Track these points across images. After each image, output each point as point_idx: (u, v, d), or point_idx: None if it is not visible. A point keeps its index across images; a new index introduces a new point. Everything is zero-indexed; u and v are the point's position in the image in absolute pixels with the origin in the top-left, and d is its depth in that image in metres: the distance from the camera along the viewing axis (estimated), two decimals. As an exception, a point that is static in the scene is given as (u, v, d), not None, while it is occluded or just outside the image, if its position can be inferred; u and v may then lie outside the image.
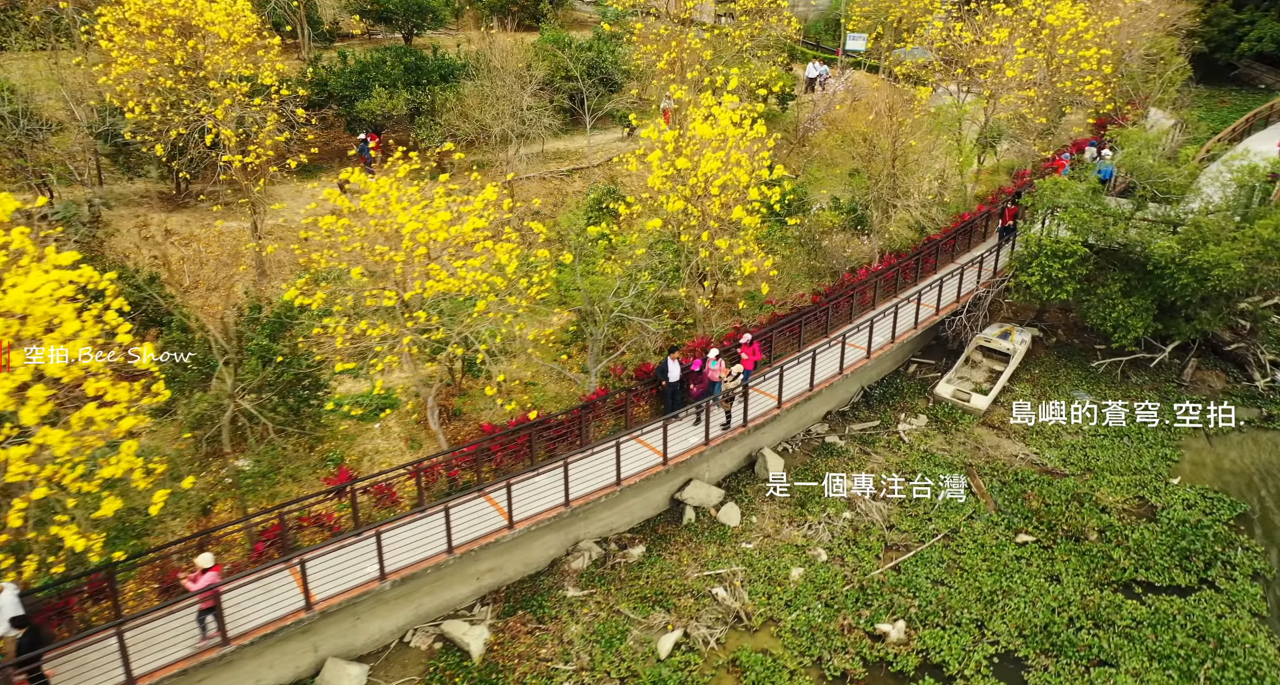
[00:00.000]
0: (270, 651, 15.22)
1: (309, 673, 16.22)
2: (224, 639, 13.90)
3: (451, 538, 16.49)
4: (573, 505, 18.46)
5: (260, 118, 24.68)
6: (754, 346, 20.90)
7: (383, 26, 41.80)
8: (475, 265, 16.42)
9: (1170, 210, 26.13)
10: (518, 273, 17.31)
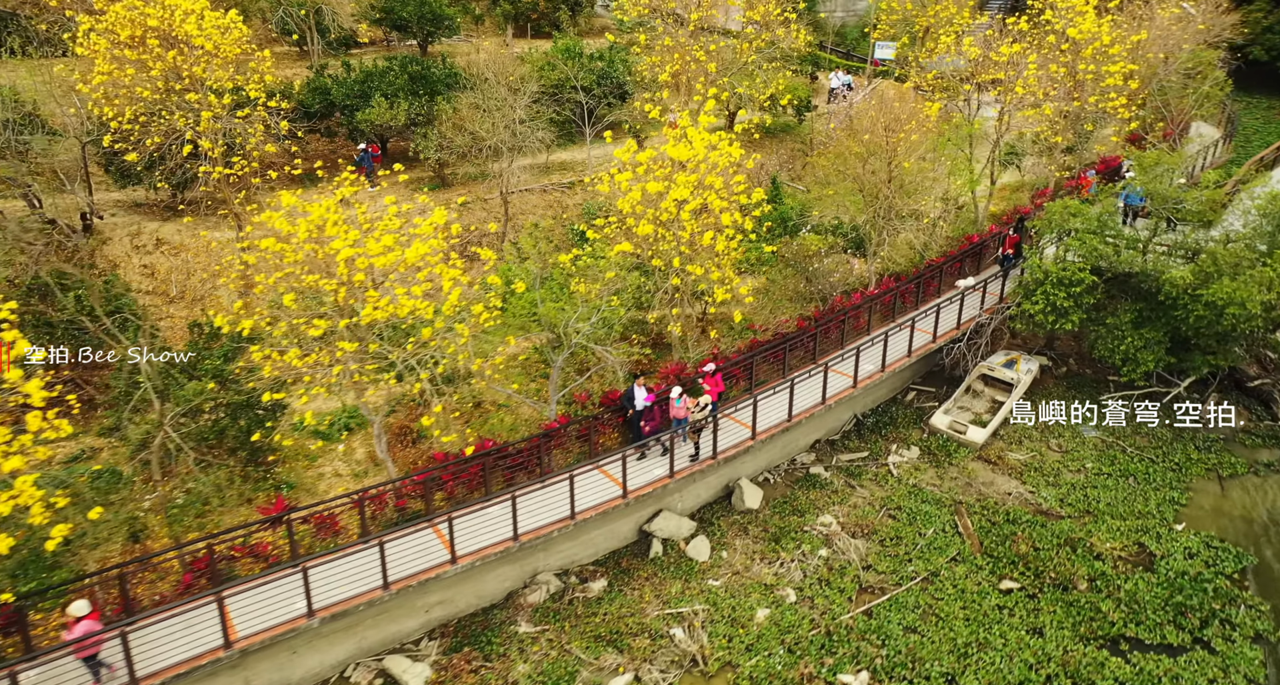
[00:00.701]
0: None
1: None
2: (132, 680, 13.51)
3: (387, 573, 15.97)
4: (523, 540, 17.84)
5: (244, 130, 24.50)
6: (717, 377, 20.08)
7: (397, 34, 41.63)
8: (419, 292, 15.86)
9: (1187, 237, 24.67)
10: (465, 299, 16.73)
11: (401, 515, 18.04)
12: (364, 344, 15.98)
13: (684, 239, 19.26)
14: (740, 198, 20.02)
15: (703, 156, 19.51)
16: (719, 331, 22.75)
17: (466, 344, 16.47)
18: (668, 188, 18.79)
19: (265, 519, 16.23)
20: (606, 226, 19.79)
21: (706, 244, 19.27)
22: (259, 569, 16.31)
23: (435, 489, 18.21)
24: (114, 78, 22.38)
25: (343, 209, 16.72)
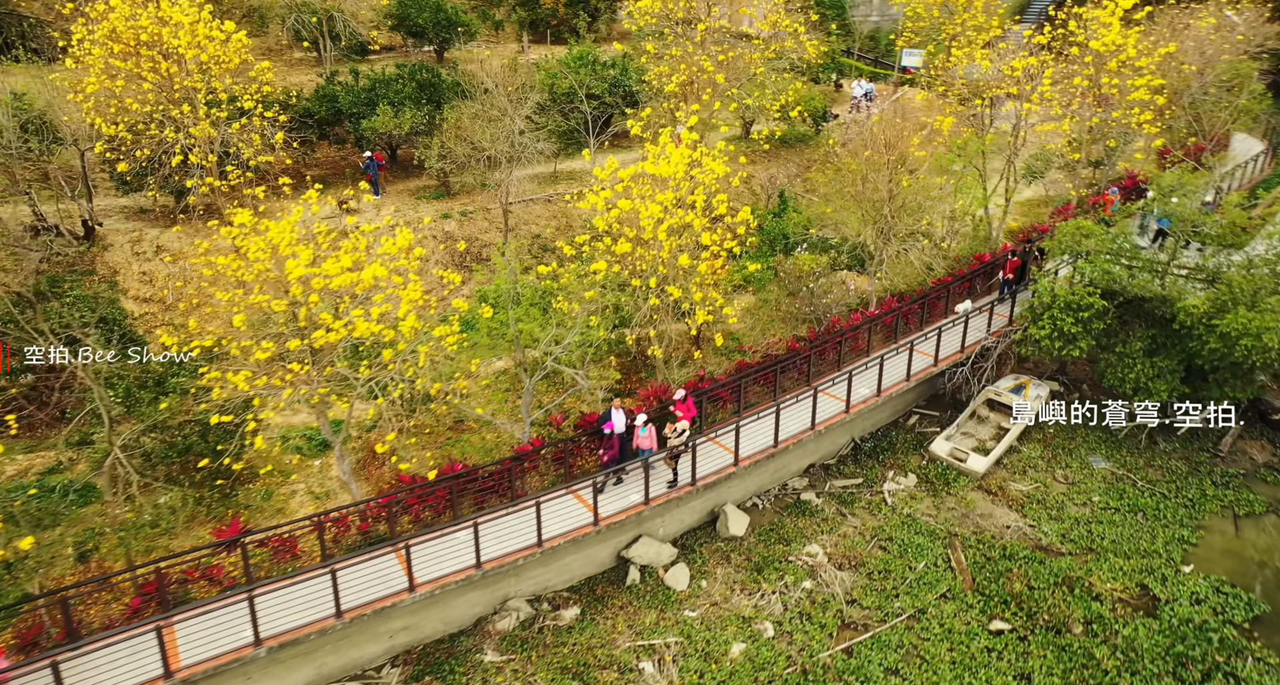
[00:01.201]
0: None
1: (191, 731, 15.57)
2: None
3: (340, 601, 15.59)
4: (486, 567, 17.37)
5: (239, 140, 24.42)
6: (689, 402, 19.45)
7: (414, 41, 41.56)
8: (376, 314, 15.47)
9: (1206, 260, 23.47)
10: (429, 321, 16.31)
11: (366, 539, 17.68)
12: (319, 366, 15.64)
13: (662, 258, 18.67)
14: (725, 216, 19.34)
15: (683, 173, 18.88)
16: (704, 352, 22.11)
17: (425, 367, 16.03)
18: (645, 206, 18.19)
19: (219, 542, 15.94)
20: (585, 244, 19.27)
21: (685, 265, 18.65)
22: (215, 593, 16.03)
23: (400, 512, 17.83)
24: (106, 88, 22.36)
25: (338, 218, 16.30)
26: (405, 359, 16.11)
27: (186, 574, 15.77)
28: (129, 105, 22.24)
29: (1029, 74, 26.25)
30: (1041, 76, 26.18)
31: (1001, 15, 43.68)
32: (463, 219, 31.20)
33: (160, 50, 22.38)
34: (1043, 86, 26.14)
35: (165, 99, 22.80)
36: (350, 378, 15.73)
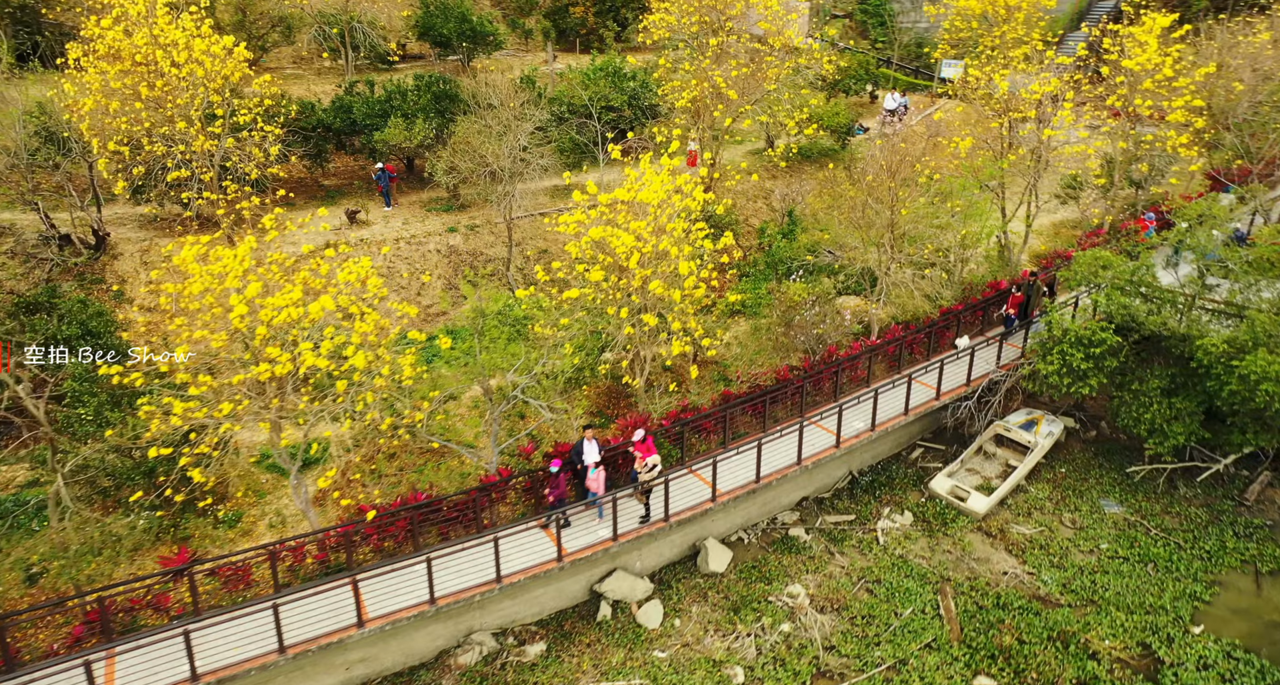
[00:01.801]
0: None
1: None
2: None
3: (283, 636, 15.29)
4: (442, 603, 16.94)
5: (236, 154, 24.45)
6: (648, 442, 18.78)
7: (439, 50, 41.56)
8: (327, 348, 15.10)
9: (1232, 296, 22.03)
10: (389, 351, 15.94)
11: (323, 569, 17.39)
12: (266, 399, 15.34)
13: (635, 287, 18.07)
14: (705, 243, 18.68)
15: (660, 200, 18.26)
16: (684, 382, 21.42)
17: (375, 402, 15.66)
18: (618, 234, 17.62)
19: (165, 572, 15.76)
20: (561, 270, 18.77)
21: (659, 293, 18.01)
22: (165, 622, 15.86)
23: (358, 542, 17.51)
24: (102, 104, 22.52)
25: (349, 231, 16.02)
26: (358, 391, 15.75)
27: (133, 602, 15.61)
28: (120, 125, 22.33)
29: (1050, 97, 24.98)
30: (1063, 99, 24.89)
31: (1043, 28, 42.10)
32: (469, 233, 30.95)
33: (155, 68, 22.43)
34: (1063, 111, 24.85)
35: (160, 116, 22.87)
36: (292, 413, 15.40)
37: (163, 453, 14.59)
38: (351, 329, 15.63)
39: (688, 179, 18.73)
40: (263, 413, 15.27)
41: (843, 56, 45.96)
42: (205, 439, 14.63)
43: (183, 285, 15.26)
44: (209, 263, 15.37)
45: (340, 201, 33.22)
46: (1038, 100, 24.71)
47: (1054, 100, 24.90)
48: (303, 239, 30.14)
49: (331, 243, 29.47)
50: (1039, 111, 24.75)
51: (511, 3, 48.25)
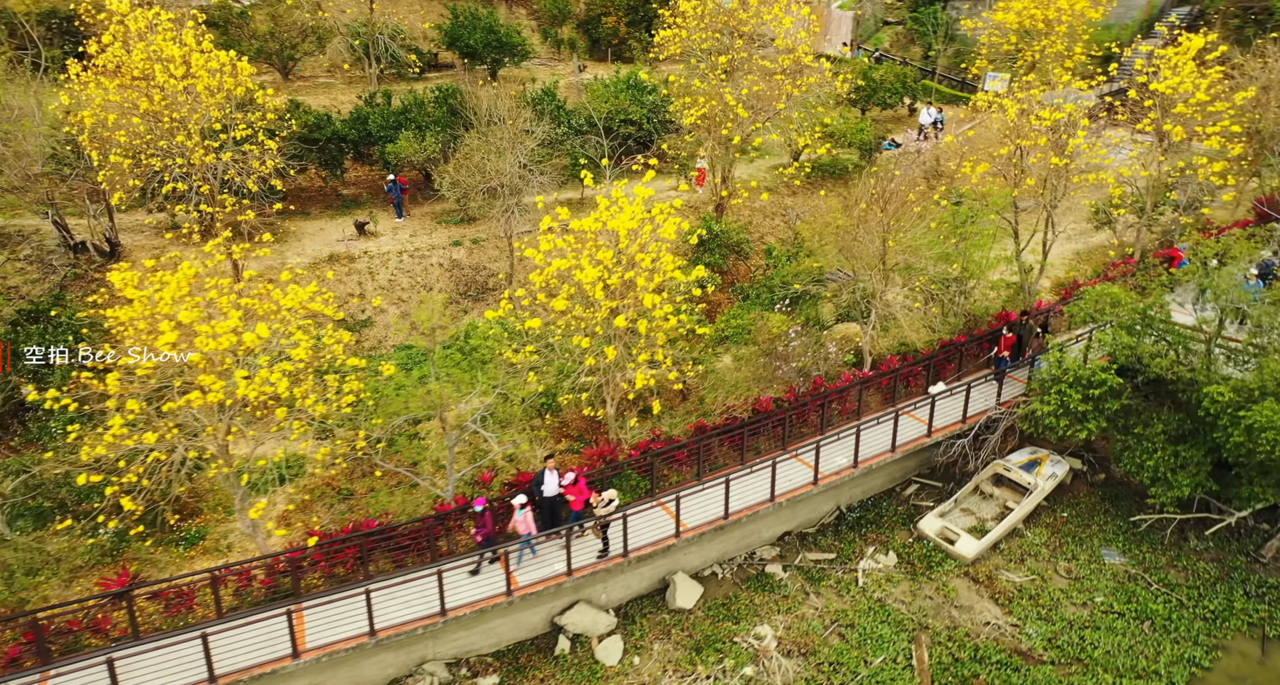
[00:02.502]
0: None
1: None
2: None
3: (214, 666, 15.20)
4: (382, 635, 16.73)
5: (233, 167, 24.70)
6: (580, 485, 18.31)
7: (467, 61, 41.69)
8: (262, 377, 14.97)
9: (1250, 340, 20.63)
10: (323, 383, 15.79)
11: (271, 594, 17.34)
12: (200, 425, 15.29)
13: (599, 318, 17.64)
14: (676, 274, 18.17)
15: (630, 229, 17.81)
16: (634, 420, 20.89)
17: (309, 431, 15.52)
18: (581, 264, 17.22)
19: (104, 594, 15.84)
20: (526, 297, 18.45)
21: (621, 326, 17.55)
22: (106, 644, 15.90)
23: (306, 568, 17.42)
24: (101, 118, 22.93)
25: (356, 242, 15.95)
26: (295, 418, 15.63)
27: (71, 624, 15.70)
28: (119, 138, 22.73)
29: (1063, 123, 23.74)
30: (1076, 126, 23.66)
31: (1088, 41, 40.40)
32: (473, 247, 30.88)
33: (153, 82, 22.78)
34: (1074, 139, 23.57)
35: (158, 130, 23.21)
36: (237, 437, 15.35)
37: (93, 480, 14.61)
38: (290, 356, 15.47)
39: (663, 208, 18.20)
40: (192, 442, 15.23)
41: (878, 68, 44.86)
42: (133, 468, 14.62)
43: (118, 310, 15.30)
44: (146, 287, 15.35)
45: (355, 211, 33.47)
46: (1049, 127, 23.53)
47: (1069, 126, 23.68)
48: (309, 249, 30.51)
49: (335, 255, 29.73)
50: (1050, 138, 23.56)
51: (546, 13, 48.19)
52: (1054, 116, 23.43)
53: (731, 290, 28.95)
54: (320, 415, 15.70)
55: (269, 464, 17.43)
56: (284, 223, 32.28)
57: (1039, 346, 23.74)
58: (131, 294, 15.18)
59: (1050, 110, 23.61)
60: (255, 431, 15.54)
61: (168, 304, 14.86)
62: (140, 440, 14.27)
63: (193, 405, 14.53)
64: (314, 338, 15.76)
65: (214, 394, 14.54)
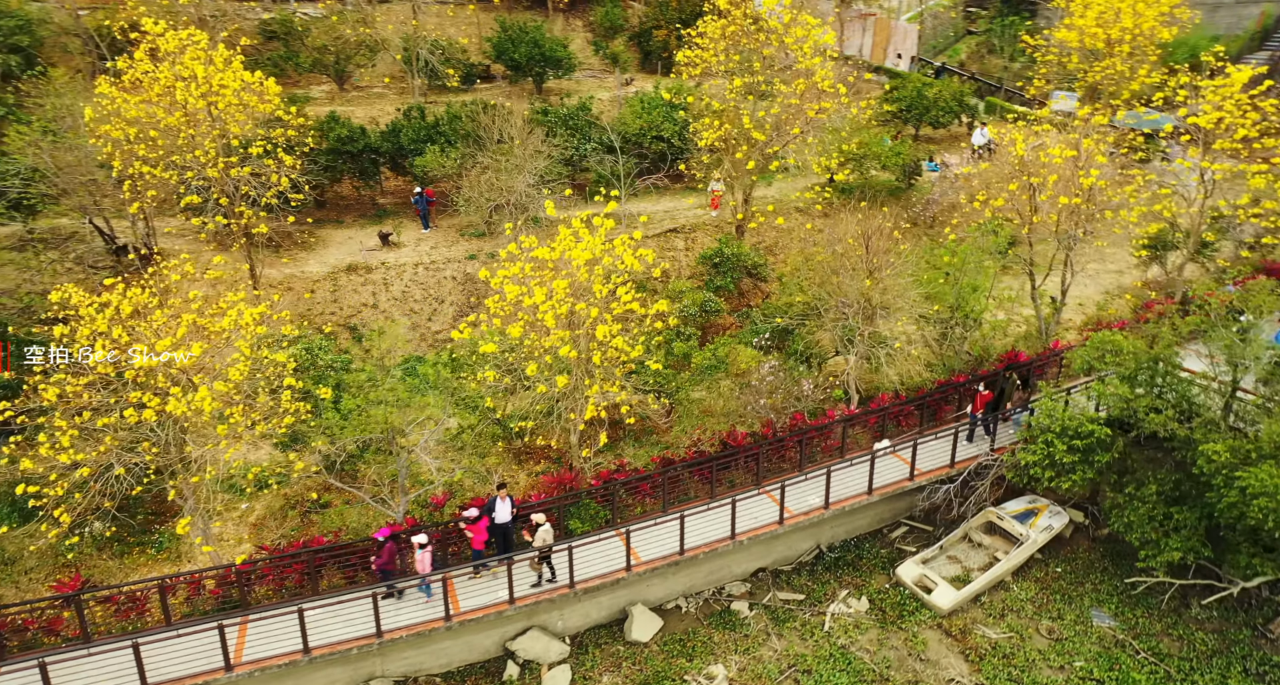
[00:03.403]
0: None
1: None
2: None
3: (145, 674, 15.76)
4: (315, 653, 17.08)
5: (247, 182, 25.65)
6: (479, 525, 18.34)
7: (514, 73, 42.30)
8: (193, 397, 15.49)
9: (1255, 399, 19.20)
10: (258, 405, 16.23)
11: (219, 604, 17.95)
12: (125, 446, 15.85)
13: (546, 347, 17.65)
14: (634, 305, 18.04)
15: (587, 259, 17.79)
16: (586, 455, 20.76)
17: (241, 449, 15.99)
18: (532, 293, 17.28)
19: (54, 597, 16.68)
20: (482, 322, 18.58)
21: (570, 356, 17.51)
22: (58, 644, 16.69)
23: (254, 581, 17.95)
24: (124, 130, 24.10)
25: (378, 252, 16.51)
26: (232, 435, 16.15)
27: (26, 623, 16.61)
28: (138, 151, 23.89)
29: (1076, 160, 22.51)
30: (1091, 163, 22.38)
31: (1153, 63, 38.19)
32: (488, 260, 31.26)
33: (174, 99, 23.85)
34: (1089, 178, 22.27)
35: (175, 143, 24.30)
36: (144, 457, 15.84)
37: (30, 490, 15.38)
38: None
39: (624, 239, 18.10)
40: (126, 457, 15.85)
41: (933, 85, 43.49)
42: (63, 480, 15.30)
43: (71, 328, 16.04)
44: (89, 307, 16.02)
45: (386, 221, 34.36)
46: (1058, 164, 22.36)
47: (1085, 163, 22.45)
48: (332, 258, 31.48)
49: (354, 265, 30.61)
50: (1061, 176, 22.39)
51: (601, 26, 48.48)
52: (1065, 154, 22.27)
53: (740, 314, 28.55)
54: (259, 434, 16.17)
55: (222, 474, 17.93)
56: (317, 230, 33.41)
57: (1021, 400, 22.64)
58: (86, 313, 15.91)
59: (1061, 148, 22.46)
60: (210, 445, 16.10)
61: (103, 321, 15.50)
62: (72, 457, 14.91)
63: (128, 420, 15.14)
64: (252, 358, 16.21)
65: (148, 411, 15.13)
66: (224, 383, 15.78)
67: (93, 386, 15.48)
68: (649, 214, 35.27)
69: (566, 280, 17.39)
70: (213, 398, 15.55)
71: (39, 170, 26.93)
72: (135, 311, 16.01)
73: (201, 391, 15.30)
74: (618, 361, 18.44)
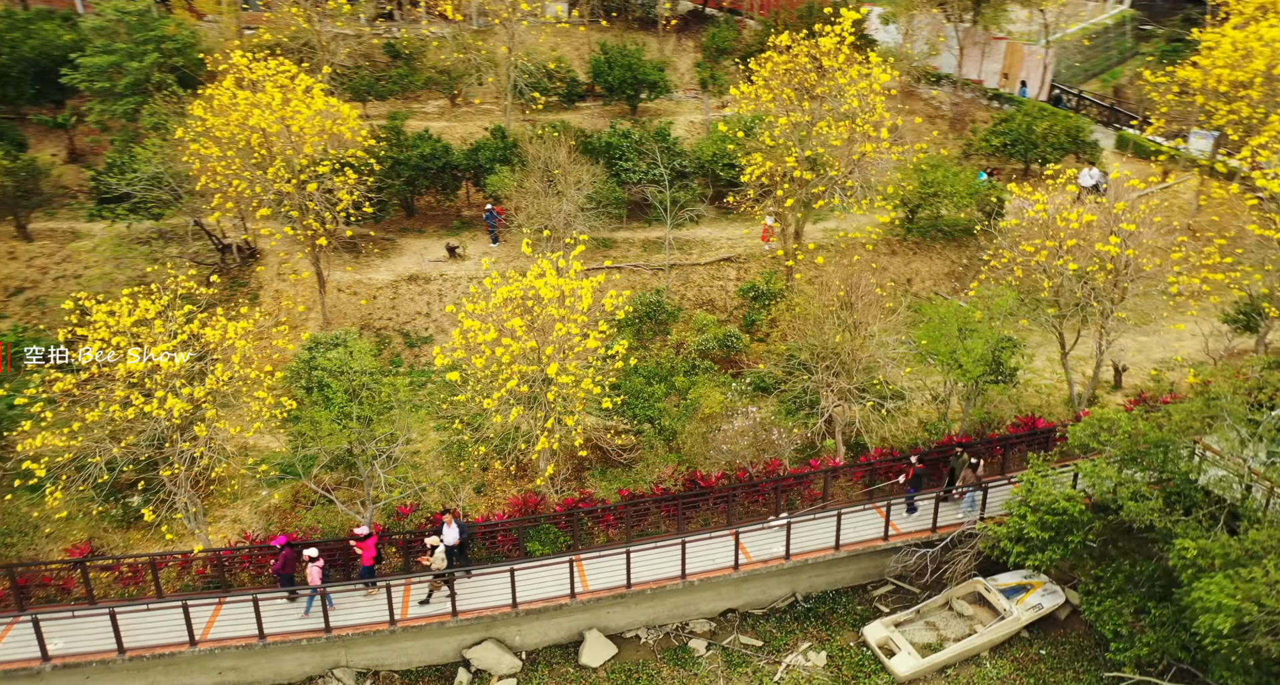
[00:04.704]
0: None
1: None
2: None
3: (122, 639, 18.07)
4: (271, 640, 18.87)
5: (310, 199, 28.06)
6: (369, 542, 19.42)
7: (610, 95, 43.59)
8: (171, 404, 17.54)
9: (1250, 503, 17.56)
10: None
11: (205, 583, 20.15)
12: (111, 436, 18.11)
13: (502, 379, 18.64)
14: (591, 342, 18.78)
15: (551, 298, 18.69)
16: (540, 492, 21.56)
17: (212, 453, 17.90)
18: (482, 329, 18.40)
19: (66, 561, 19.35)
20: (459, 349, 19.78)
21: (519, 391, 18.43)
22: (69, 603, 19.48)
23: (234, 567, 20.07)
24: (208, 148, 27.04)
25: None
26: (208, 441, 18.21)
27: (44, 580, 19.44)
28: (216, 168, 26.76)
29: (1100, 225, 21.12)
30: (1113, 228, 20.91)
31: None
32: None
33: (249, 124, 26.51)
34: (1106, 246, 20.82)
35: (248, 162, 26.99)
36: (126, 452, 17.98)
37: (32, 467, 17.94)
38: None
39: (588, 284, 18.91)
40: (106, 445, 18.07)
41: (1042, 119, 41.25)
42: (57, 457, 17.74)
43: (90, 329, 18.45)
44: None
45: (462, 233, 36.48)
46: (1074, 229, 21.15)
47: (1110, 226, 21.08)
48: (400, 266, 33.82)
49: (415, 275, 32.82)
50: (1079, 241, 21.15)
51: (708, 48, 49.01)
52: (1085, 218, 21.06)
53: (768, 352, 28.51)
54: (234, 434, 18.15)
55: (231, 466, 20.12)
56: (400, 238, 36.00)
57: (975, 480, 21.52)
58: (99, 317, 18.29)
59: (1078, 213, 21.24)
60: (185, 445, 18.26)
61: (105, 331, 17.81)
62: (56, 442, 17.36)
63: (112, 415, 17.37)
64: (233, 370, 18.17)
65: (131, 409, 17.32)
66: (201, 388, 17.83)
67: (86, 384, 17.86)
68: (710, 240, 35.67)
69: (521, 319, 18.35)
70: (184, 402, 17.61)
71: (159, 177, 30.68)
72: (140, 320, 18.26)
73: (170, 400, 17.38)
74: (573, 398, 19.19)
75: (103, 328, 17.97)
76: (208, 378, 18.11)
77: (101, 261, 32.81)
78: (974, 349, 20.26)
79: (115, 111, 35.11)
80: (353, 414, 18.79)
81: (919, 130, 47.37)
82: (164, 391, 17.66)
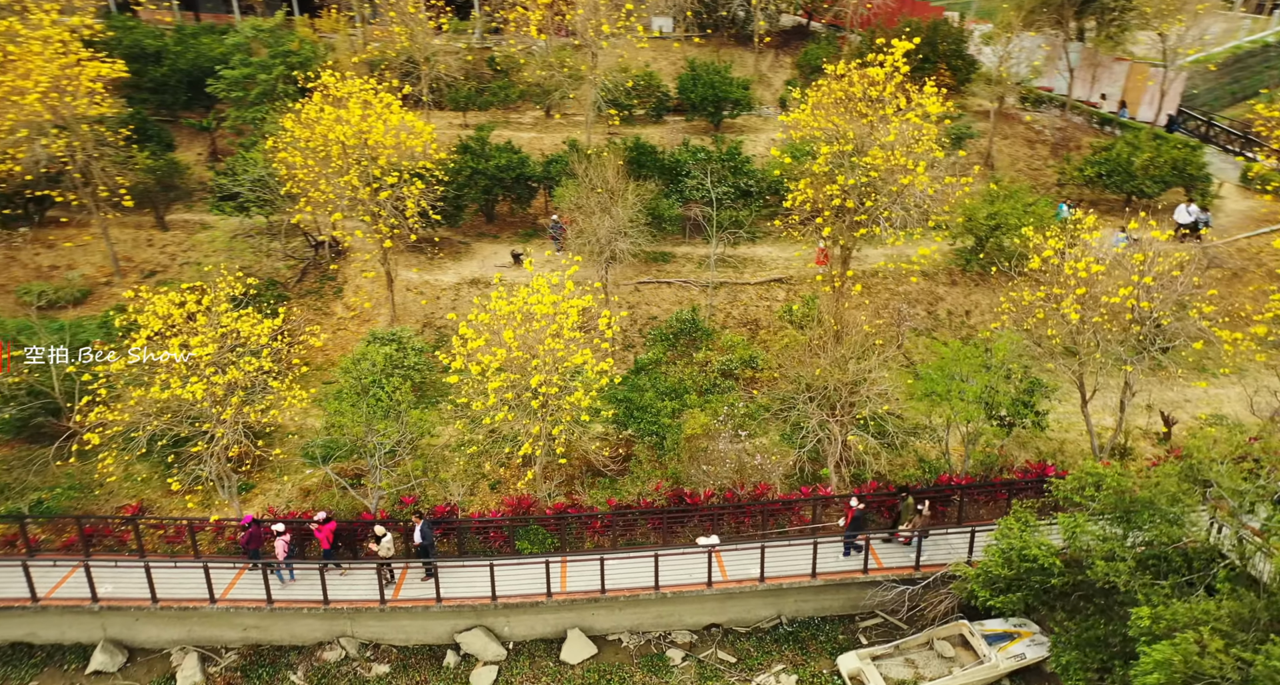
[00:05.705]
0: None
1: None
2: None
3: (155, 590, 20.69)
4: (278, 606, 21.10)
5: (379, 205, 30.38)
6: (325, 530, 21.27)
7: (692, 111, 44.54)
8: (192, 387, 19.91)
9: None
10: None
11: (238, 549, 22.62)
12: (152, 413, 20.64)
13: (491, 388, 20.06)
14: (577, 360, 19.95)
15: (546, 313, 20.00)
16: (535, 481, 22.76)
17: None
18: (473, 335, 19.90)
19: (118, 517, 22.23)
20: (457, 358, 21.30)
21: (503, 395, 19.79)
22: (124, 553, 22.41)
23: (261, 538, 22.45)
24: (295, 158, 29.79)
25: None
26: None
27: (105, 531, 22.41)
28: (299, 175, 29.49)
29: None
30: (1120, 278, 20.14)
31: None
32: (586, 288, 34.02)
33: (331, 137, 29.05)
34: (1113, 298, 20.05)
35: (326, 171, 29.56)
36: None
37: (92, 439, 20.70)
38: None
39: (576, 303, 20.08)
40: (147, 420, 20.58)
41: (1143, 150, 39.28)
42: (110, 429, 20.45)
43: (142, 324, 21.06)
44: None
45: (534, 241, 38.39)
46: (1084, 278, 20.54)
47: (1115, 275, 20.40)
48: (466, 270, 35.98)
49: (477, 279, 34.85)
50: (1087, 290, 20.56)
51: (803, 64, 49.09)
52: (1094, 269, 20.49)
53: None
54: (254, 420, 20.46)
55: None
56: (474, 242, 38.28)
57: (921, 524, 21.13)
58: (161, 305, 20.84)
59: (1086, 262, 20.64)
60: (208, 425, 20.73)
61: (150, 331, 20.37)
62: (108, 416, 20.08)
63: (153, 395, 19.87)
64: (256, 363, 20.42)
65: (168, 391, 19.79)
66: (223, 377, 20.17)
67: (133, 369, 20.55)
68: (767, 259, 36.11)
69: (512, 332, 19.74)
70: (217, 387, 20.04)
71: (263, 179, 33.99)
72: (189, 316, 20.78)
73: (194, 384, 19.75)
74: (560, 409, 20.40)
75: (153, 318, 20.59)
76: (230, 369, 20.42)
77: (216, 252, 36.50)
78: (969, 392, 20.11)
79: (246, 118, 39.21)
80: (379, 407, 20.77)
81: (1014, 156, 45.94)
82: (197, 377, 20.09)
